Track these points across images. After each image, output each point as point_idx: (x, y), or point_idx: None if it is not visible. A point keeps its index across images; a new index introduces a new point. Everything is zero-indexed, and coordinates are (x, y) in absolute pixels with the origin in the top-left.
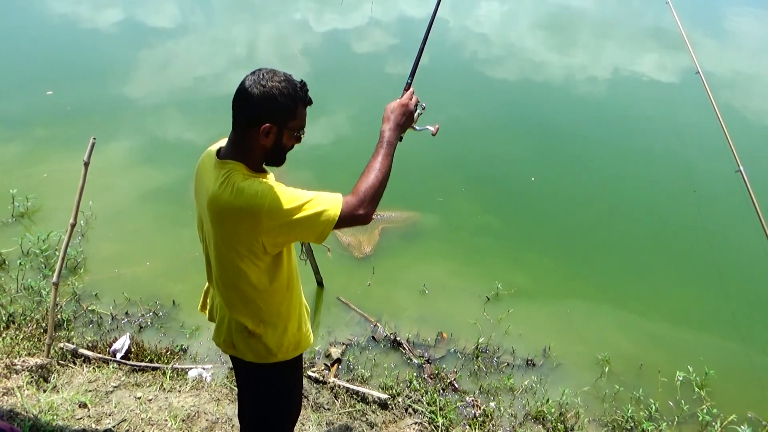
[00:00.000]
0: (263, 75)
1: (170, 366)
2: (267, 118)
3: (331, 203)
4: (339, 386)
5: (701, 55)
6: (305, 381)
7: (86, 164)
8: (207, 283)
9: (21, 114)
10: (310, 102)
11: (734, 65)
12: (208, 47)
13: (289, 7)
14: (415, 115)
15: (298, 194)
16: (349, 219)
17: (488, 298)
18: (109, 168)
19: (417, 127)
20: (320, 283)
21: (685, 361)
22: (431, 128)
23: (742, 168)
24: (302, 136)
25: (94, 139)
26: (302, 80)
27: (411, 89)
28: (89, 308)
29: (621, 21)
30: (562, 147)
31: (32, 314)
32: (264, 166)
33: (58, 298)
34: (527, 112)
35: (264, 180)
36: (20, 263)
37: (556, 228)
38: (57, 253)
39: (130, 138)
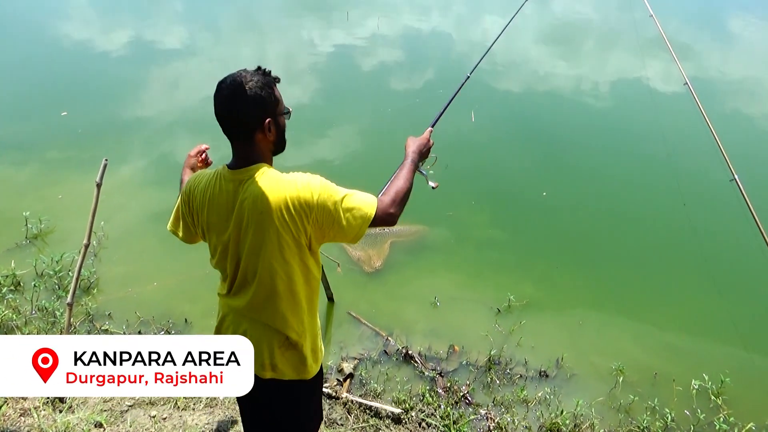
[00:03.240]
0: (237, 81)
1: None
2: (264, 116)
3: (369, 201)
4: (352, 401)
5: (702, 63)
6: None
7: (98, 185)
8: (221, 320)
9: (35, 138)
10: (278, 80)
11: (734, 72)
12: (216, 67)
13: (295, 25)
14: (427, 158)
15: (339, 187)
16: (382, 217)
17: (499, 310)
18: (120, 189)
19: (423, 171)
20: (331, 299)
21: (701, 370)
22: (432, 184)
23: (737, 176)
24: (290, 110)
25: (106, 160)
26: (258, 65)
27: (430, 129)
28: (102, 328)
29: (624, 32)
30: (569, 158)
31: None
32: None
33: (72, 319)
34: (534, 124)
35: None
36: (35, 284)
37: (566, 239)
38: (70, 273)
39: (141, 158)
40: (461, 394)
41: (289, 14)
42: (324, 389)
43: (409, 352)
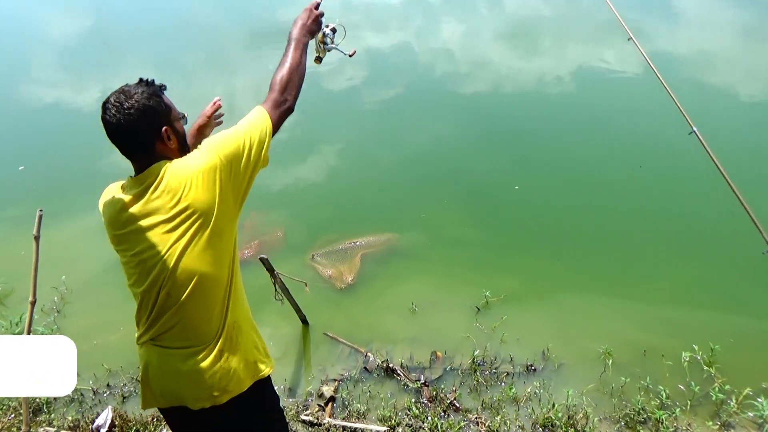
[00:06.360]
0: (121, 97)
1: None
2: (160, 125)
3: (260, 118)
4: (336, 426)
5: (656, 41)
6: (299, 426)
7: (36, 238)
8: (144, 373)
9: None
10: (164, 87)
11: (687, 44)
12: (189, 108)
13: (256, 57)
14: (327, 31)
15: (228, 132)
16: (278, 116)
17: (478, 309)
18: (81, 239)
19: (328, 42)
20: (304, 321)
21: (689, 340)
22: (348, 51)
23: (695, 128)
24: (185, 115)
25: (41, 211)
26: (140, 77)
27: None
28: None
29: (575, 21)
30: (537, 149)
31: (9, 402)
32: None
33: None
34: (499, 119)
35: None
36: None
37: (539, 228)
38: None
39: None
40: (448, 401)
41: (250, 48)
42: (305, 417)
43: (391, 365)
